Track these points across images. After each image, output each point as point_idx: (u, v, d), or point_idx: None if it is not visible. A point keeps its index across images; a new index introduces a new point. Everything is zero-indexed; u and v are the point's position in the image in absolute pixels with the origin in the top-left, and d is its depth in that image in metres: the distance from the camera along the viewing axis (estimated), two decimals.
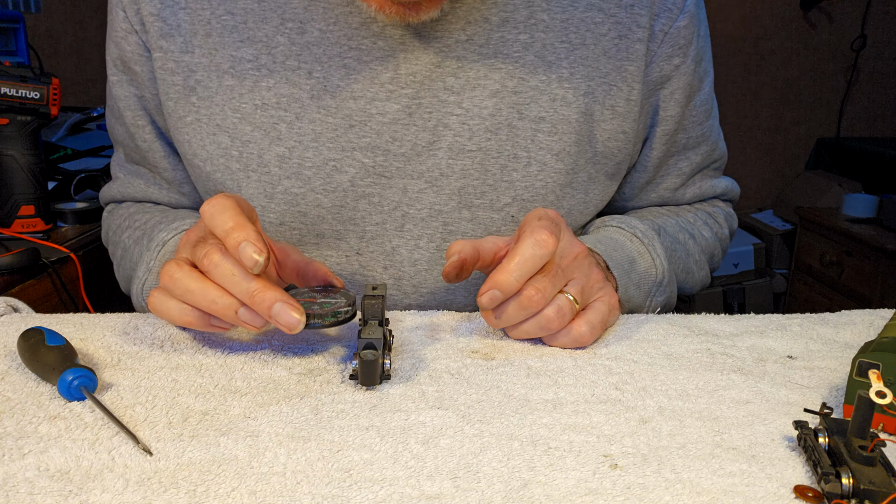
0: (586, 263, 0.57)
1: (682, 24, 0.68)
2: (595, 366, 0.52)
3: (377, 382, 0.47)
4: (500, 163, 0.66)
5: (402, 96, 0.65)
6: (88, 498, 0.35)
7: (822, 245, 2.30)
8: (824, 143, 2.68)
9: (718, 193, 0.83)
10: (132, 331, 0.56)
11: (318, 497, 0.36)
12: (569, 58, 0.66)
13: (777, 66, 2.66)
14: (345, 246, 0.69)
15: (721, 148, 0.81)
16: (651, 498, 0.36)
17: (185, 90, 0.68)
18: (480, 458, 0.39)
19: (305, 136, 0.66)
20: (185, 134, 0.69)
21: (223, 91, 0.67)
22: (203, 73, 0.67)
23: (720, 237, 0.82)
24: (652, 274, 0.66)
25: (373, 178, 0.67)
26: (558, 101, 0.66)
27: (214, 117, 0.67)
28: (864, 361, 0.43)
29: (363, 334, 0.47)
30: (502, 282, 0.51)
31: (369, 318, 0.50)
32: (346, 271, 0.70)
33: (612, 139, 0.70)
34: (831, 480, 0.35)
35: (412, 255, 0.69)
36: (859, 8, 2.60)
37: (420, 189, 0.67)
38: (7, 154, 0.94)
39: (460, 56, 0.65)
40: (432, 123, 0.65)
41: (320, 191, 0.67)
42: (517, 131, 0.66)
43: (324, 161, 0.66)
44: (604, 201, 0.75)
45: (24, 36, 1.43)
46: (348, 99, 0.65)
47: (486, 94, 0.65)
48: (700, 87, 0.74)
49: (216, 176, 0.68)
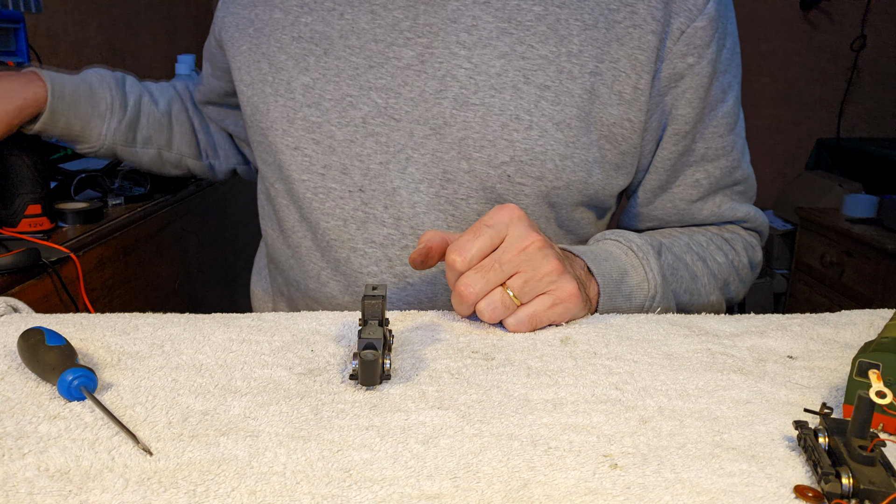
0: (538, 256, 0.57)
1: (700, 25, 0.69)
2: (595, 366, 0.52)
3: (377, 382, 0.47)
4: (501, 120, 0.68)
5: (417, 44, 0.70)
6: (88, 498, 0.35)
7: (822, 245, 2.30)
8: (824, 143, 2.68)
9: (739, 218, 0.81)
10: (132, 331, 0.56)
11: (318, 497, 0.36)
12: (580, 35, 0.68)
13: (777, 67, 2.66)
14: (348, 181, 0.73)
15: (745, 169, 0.80)
16: (651, 498, 0.36)
17: (245, 21, 0.78)
18: (480, 458, 0.39)
19: (329, 71, 0.72)
20: (238, 61, 0.79)
21: (272, 23, 0.76)
22: (261, 7, 0.77)
23: (737, 265, 0.80)
24: (644, 288, 0.66)
25: (383, 119, 0.71)
26: (564, 73, 0.68)
27: (262, 46, 0.76)
28: (864, 361, 0.43)
29: (363, 334, 0.47)
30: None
31: (369, 318, 0.50)
32: (347, 206, 0.74)
33: (617, 125, 0.71)
34: (831, 480, 0.35)
35: (412, 197, 0.72)
36: (859, 8, 2.60)
37: (425, 135, 0.70)
38: (13, 154, 0.94)
39: (476, 15, 0.69)
40: (441, 73, 0.69)
41: (335, 123, 0.72)
42: (521, 94, 0.68)
43: (342, 95, 0.72)
44: (608, 194, 0.75)
45: (24, 36, 1.43)
46: (370, 41, 0.71)
47: (496, 54, 0.68)
48: (723, 98, 0.74)
49: (254, 100, 0.77)
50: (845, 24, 2.63)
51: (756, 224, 0.83)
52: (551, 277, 0.57)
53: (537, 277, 0.57)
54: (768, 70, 2.66)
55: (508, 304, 0.56)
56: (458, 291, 0.56)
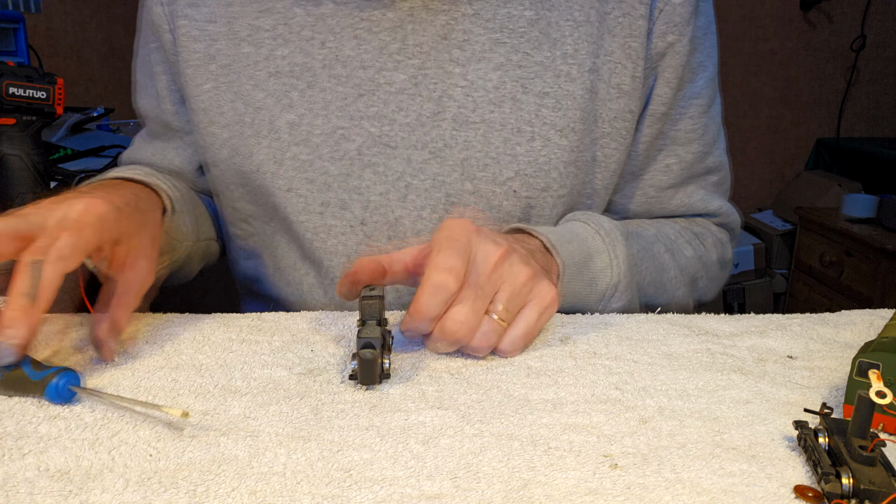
0: (509, 265, 0.52)
1: (677, 2, 0.68)
2: (595, 366, 0.52)
3: (377, 381, 0.47)
4: (503, 136, 0.67)
5: (409, 66, 0.67)
6: (88, 498, 0.35)
7: (822, 245, 2.30)
8: (824, 143, 2.68)
9: (711, 211, 0.78)
10: (132, 331, 0.56)
11: (318, 497, 0.36)
12: (573, 35, 0.67)
13: (777, 67, 2.66)
14: (349, 215, 0.70)
15: (718, 156, 0.77)
16: (651, 498, 0.36)
17: (205, 58, 0.70)
18: (480, 458, 0.39)
19: (316, 104, 0.68)
20: (201, 102, 0.71)
21: (240, 59, 0.69)
22: (224, 41, 0.70)
23: (706, 262, 0.77)
24: (607, 275, 0.63)
25: (378, 148, 0.68)
26: (562, 76, 0.67)
27: (232, 84, 0.70)
28: (864, 361, 0.43)
29: (361, 334, 0.47)
30: (417, 322, 0.49)
31: (367, 318, 0.50)
32: (350, 241, 0.71)
33: (618, 118, 0.69)
34: (831, 480, 0.35)
35: (415, 225, 0.69)
36: (859, 8, 2.60)
37: (424, 160, 0.68)
38: (13, 154, 0.94)
39: (466, 29, 0.66)
40: (437, 94, 0.67)
41: (328, 158, 0.68)
42: (521, 105, 0.67)
43: (332, 129, 0.68)
44: (608, 191, 0.73)
45: (24, 36, 1.43)
46: (358, 68, 0.67)
47: (491, 66, 0.66)
48: (693, 78, 0.72)
49: (232, 142, 0.70)
50: (845, 24, 2.63)
51: (727, 220, 0.80)
52: (529, 286, 0.52)
53: (516, 291, 0.52)
54: (768, 70, 2.66)
55: (497, 328, 0.51)
56: (449, 331, 0.49)
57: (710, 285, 0.79)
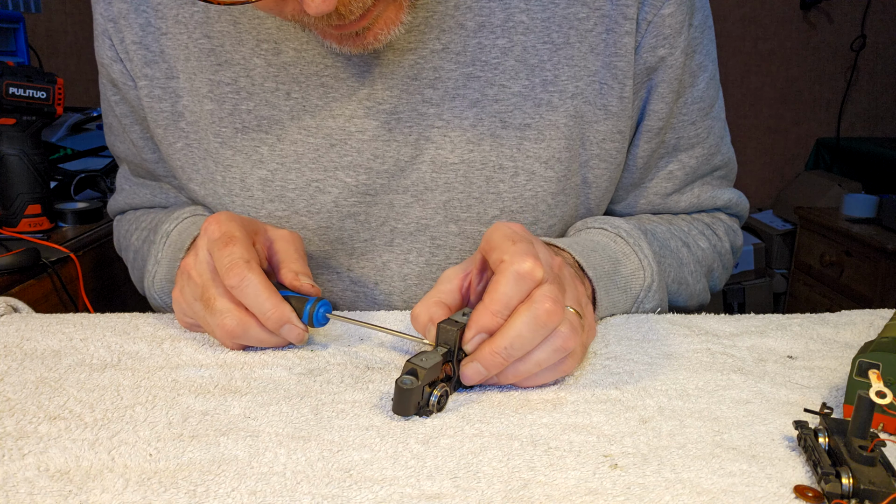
0: (568, 275, 0.51)
1: (667, 13, 0.63)
2: (595, 366, 0.52)
3: (410, 413, 0.44)
4: (484, 174, 0.64)
5: (381, 112, 0.63)
6: (88, 498, 0.35)
7: (821, 245, 2.30)
8: (824, 143, 2.68)
9: (720, 205, 0.76)
10: (132, 331, 0.56)
11: (318, 497, 0.36)
12: (552, 59, 0.63)
13: (777, 66, 2.66)
14: (334, 264, 0.68)
15: (725, 153, 0.75)
16: (651, 498, 0.36)
17: (173, 116, 0.67)
18: (480, 458, 0.39)
19: (287, 158, 0.65)
20: (176, 160, 0.69)
21: (205, 116, 0.66)
22: (188, 98, 0.66)
23: (720, 251, 0.76)
24: (640, 277, 0.62)
25: (357, 198, 0.65)
26: (543, 105, 0.63)
27: (202, 142, 0.67)
28: (864, 361, 0.43)
29: (413, 358, 0.44)
30: (491, 326, 0.46)
31: (440, 344, 0.46)
32: (337, 288, 0.69)
33: (607, 140, 0.66)
34: (831, 480, 0.35)
35: (402, 269, 0.67)
36: (859, 8, 2.60)
37: (406, 203, 0.65)
38: (13, 154, 0.94)
39: (437, 66, 0.62)
40: (413, 138, 0.63)
41: (304, 213, 0.65)
42: (501, 140, 0.63)
43: (307, 182, 0.65)
44: (602, 207, 0.71)
45: (24, 36, 1.43)
46: (328, 118, 0.64)
47: (466, 104, 0.63)
48: (693, 82, 0.69)
49: (208, 200, 0.68)
50: (845, 24, 2.63)
51: (738, 210, 0.78)
52: (585, 300, 0.52)
53: (578, 297, 0.50)
54: (768, 70, 2.66)
55: (580, 324, 0.47)
56: (545, 310, 0.44)
57: (724, 274, 0.78)
